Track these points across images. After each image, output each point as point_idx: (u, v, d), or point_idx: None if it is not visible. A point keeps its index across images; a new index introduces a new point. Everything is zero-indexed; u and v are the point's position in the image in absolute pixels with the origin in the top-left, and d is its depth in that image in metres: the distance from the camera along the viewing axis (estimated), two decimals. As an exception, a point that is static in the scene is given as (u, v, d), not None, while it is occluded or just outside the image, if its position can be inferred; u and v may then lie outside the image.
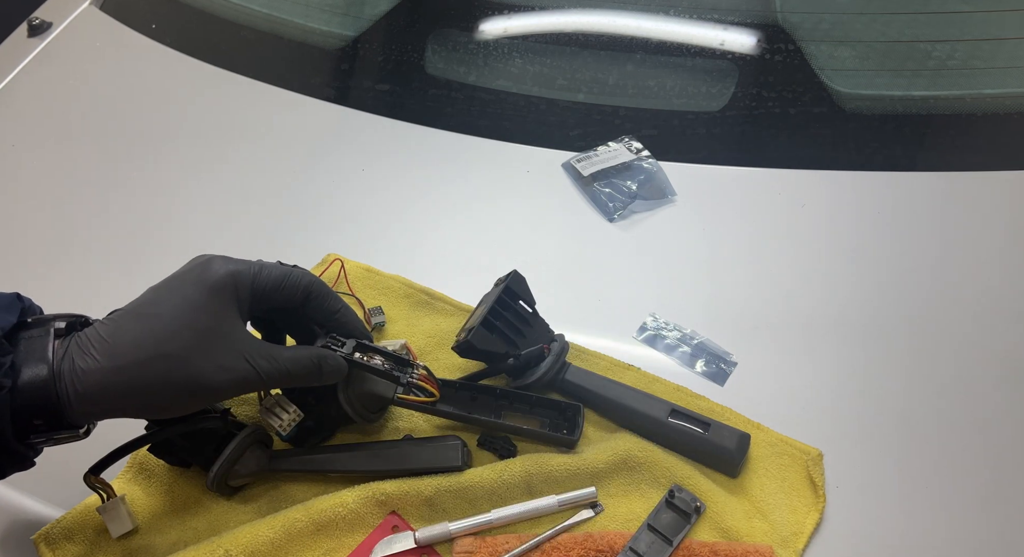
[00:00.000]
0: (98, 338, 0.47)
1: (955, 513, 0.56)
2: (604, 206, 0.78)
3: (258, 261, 0.53)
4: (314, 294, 0.54)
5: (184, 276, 0.50)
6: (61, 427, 0.47)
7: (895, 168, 0.79)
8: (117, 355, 0.47)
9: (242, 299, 0.51)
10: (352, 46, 0.96)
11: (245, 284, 0.51)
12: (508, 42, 0.91)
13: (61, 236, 0.82)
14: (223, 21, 1.02)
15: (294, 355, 0.52)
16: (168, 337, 0.47)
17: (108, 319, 0.49)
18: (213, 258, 0.51)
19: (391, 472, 0.57)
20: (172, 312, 0.48)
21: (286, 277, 0.53)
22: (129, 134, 0.93)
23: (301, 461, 0.59)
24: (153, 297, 0.50)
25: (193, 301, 0.49)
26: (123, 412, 0.49)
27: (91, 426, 0.51)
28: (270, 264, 0.53)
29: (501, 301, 0.63)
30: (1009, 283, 0.69)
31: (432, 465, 0.57)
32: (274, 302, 0.53)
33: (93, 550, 0.56)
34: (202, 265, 0.51)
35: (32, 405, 0.45)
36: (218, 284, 0.49)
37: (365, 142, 0.88)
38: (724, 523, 0.55)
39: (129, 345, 0.47)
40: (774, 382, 0.64)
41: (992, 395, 0.62)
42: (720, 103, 0.84)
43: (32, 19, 1.08)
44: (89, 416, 0.49)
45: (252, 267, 0.52)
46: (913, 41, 0.85)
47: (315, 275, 0.55)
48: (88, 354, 0.46)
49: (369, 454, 0.59)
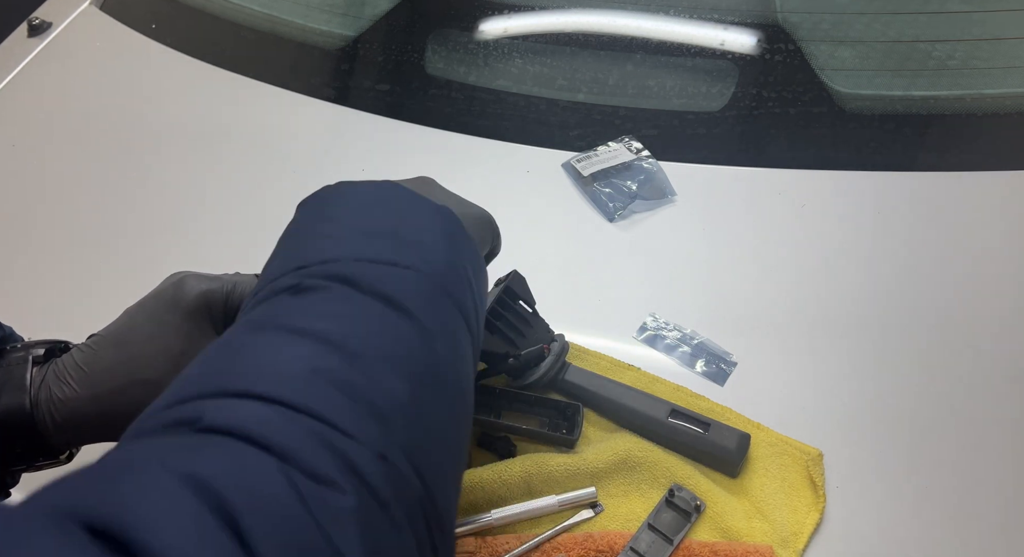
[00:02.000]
0: (74, 366, 0.47)
1: (955, 513, 0.56)
2: (604, 206, 0.78)
3: (233, 275, 0.51)
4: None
5: (157, 298, 0.49)
6: (41, 454, 0.47)
7: (895, 168, 0.79)
8: (93, 383, 0.46)
9: (217, 318, 0.49)
10: (352, 46, 0.96)
11: (219, 303, 0.49)
12: (508, 42, 0.91)
13: (61, 236, 0.82)
14: (223, 21, 1.02)
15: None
16: (143, 364, 0.47)
17: (84, 345, 0.48)
18: (186, 278, 0.50)
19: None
20: (146, 338, 0.47)
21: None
22: (129, 134, 0.93)
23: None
24: (128, 322, 0.49)
25: (167, 325, 0.48)
26: (102, 438, 0.49)
27: (73, 452, 0.50)
28: (245, 278, 0.51)
29: (501, 301, 0.63)
30: (1009, 283, 0.69)
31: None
32: None
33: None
34: (175, 286, 0.49)
35: (11, 433, 0.45)
36: (191, 305, 0.48)
37: (365, 142, 0.88)
38: (724, 523, 0.55)
39: (104, 373, 0.46)
40: (774, 382, 0.64)
41: (992, 395, 0.62)
42: (720, 103, 0.84)
43: (32, 19, 1.08)
44: (69, 443, 0.48)
45: (226, 285, 0.50)
46: (913, 41, 0.85)
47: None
48: (65, 382, 0.46)
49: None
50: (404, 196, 0.45)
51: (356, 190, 0.45)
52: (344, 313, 0.36)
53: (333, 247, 0.40)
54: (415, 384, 0.35)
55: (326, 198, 0.45)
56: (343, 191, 0.45)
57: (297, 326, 0.35)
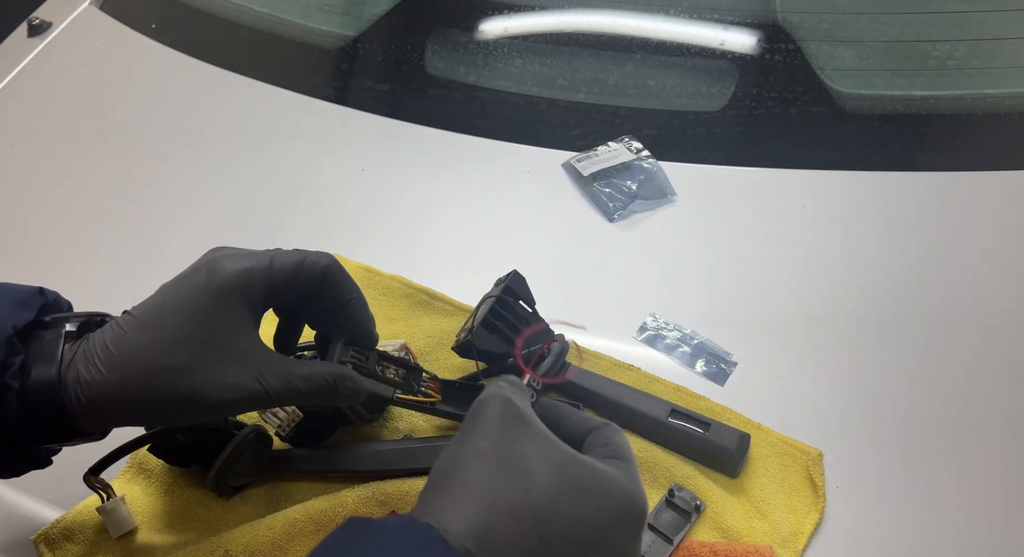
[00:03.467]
0: (103, 346, 0.45)
1: (955, 513, 0.56)
2: (604, 206, 0.78)
3: (272, 251, 0.49)
4: (330, 278, 0.50)
5: (192, 278, 0.47)
6: (73, 434, 0.46)
7: (895, 168, 0.79)
8: (120, 366, 0.44)
9: (254, 300, 0.47)
10: (352, 46, 0.96)
11: (257, 283, 0.47)
12: (508, 42, 0.91)
13: (61, 237, 0.82)
14: (223, 21, 1.02)
15: (309, 373, 0.48)
16: (172, 348, 0.45)
17: (115, 324, 0.46)
18: (223, 256, 0.47)
19: (391, 472, 0.57)
20: (176, 320, 0.45)
21: (300, 264, 0.49)
22: (129, 134, 0.93)
23: (301, 461, 0.59)
24: (160, 301, 0.47)
25: (199, 308, 0.45)
26: (129, 422, 0.48)
27: (106, 429, 0.50)
28: (284, 253, 0.49)
29: (501, 301, 0.63)
30: (1009, 283, 0.69)
31: (432, 465, 0.57)
32: (291, 294, 0.49)
33: (93, 550, 0.56)
34: (209, 266, 0.47)
35: (40, 409, 0.44)
36: (225, 288, 0.46)
37: (365, 142, 0.88)
38: (724, 523, 0.55)
39: (131, 355, 0.45)
40: (774, 382, 0.64)
41: (992, 395, 0.62)
42: (720, 103, 0.84)
43: (32, 19, 1.08)
44: (95, 425, 0.47)
45: (263, 261, 0.48)
46: (913, 41, 0.85)
47: (333, 257, 0.51)
48: (92, 364, 0.45)
49: (369, 454, 0.59)
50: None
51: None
52: None
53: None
54: None
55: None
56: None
57: None
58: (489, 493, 0.37)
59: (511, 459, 0.38)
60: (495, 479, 0.37)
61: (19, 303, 0.47)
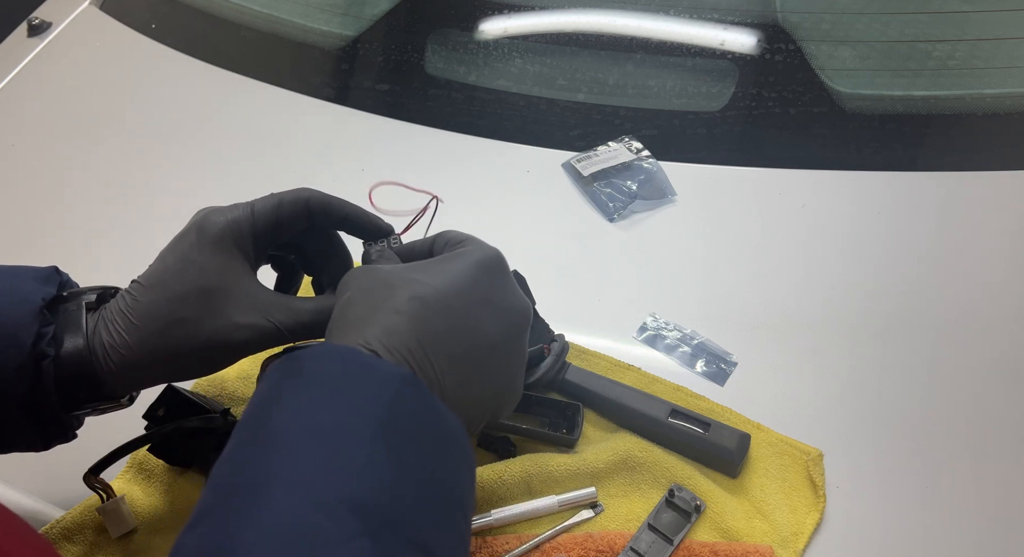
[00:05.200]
0: (119, 312, 0.48)
1: (955, 513, 0.56)
2: (604, 206, 0.78)
3: (252, 201, 0.51)
4: (315, 207, 0.52)
5: (184, 238, 0.50)
6: (102, 397, 0.48)
7: (895, 168, 0.79)
8: (137, 329, 0.47)
9: (244, 247, 0.50)
10: (352, 46, 0.96)
11: (244, 231, 0.50)
12: (508, 42, 0.91)
13: (60, 237, 0.82)
14: (223, 21, 1.02)
15: (317, 306, 0.50)
16: (178, 304, 0.48)
17: (126, 292, 0.49)
18: (208, 213, 0.50)
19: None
20: (176, 278, 0.48)
21: (280, 204, 0.51)
22: (129, 134, 0.93)
23: (301, 461, 0.59)
24: (160, 265, 0.50)
25: (194, 262, 0.48)
26: (157, 379, 0.50)
27: (134, 395, 0.52)
28: (262, 199, 0.51)
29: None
30: (1009, 283, 0.69)
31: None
32: (282, 234, 0.52)
33: (93, 550, 0.56)
34: (197, 223, 0.50)
35: (74, 376, 0.47)
36: (215, 239, 0.49)
37: (365, 142, 0.88)
38: (724, 523, 0.55)
39: (145, 317, 0.47)
40: (774, 382, 0.64)
41: (992, 395, 0.62)
42: (720, 103, 0.84)
43: (32, 19, 1.08)
44: (127, 388, 0.50)
45: (245, 210, 0.50)
46: (913, 41, 0.85)
47: (309, 188, 0.53)
48: (114, 330, 0.47)
49: (369, 454, 0.59)
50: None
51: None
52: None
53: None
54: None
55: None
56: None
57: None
58: (379, 310, 0.43)
59: (383, 286, 0.44)
60: (379, 300, 0.43)
61: (40, 279, 0.49)
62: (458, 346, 0.43)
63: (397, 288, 0.43)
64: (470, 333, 0.44)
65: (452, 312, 0.43)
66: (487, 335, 0.44)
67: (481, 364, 0.44)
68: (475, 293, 0.44)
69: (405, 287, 0.43)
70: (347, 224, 0.54)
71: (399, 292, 0.43)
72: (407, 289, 0.43)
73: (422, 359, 0.41)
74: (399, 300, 0.43)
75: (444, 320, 0.43)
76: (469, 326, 0.44)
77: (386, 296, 0.43)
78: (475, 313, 0.44)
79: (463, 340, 0.43)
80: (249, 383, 0.64)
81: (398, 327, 0.42)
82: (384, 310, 0.42)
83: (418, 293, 0.43)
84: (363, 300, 0.44)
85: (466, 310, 0.44)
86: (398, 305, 0.42)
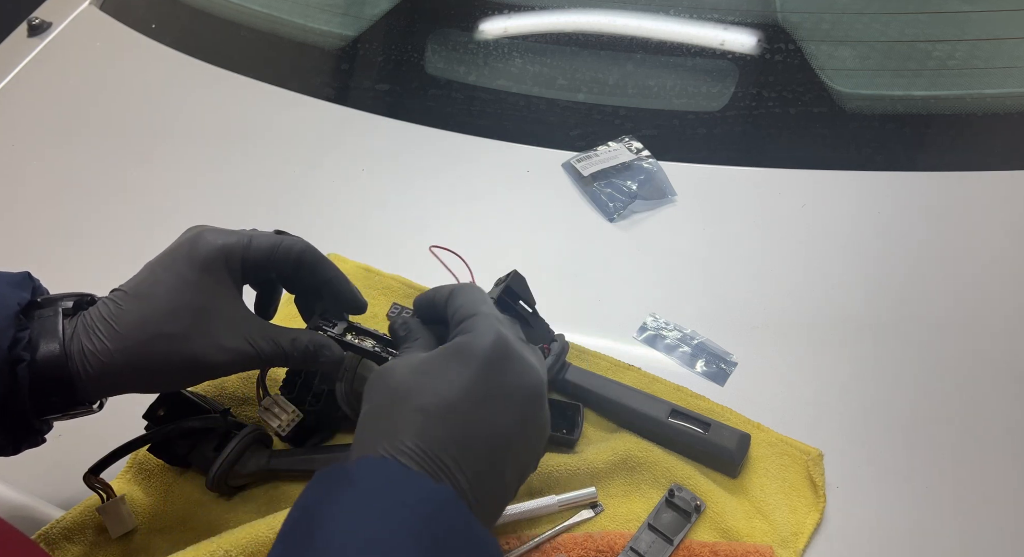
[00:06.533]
0: (101, 319, 0.48)
1: (955, 513, 0.56)
2: (604, 206, 0.78)
3: (250, 231, 0.53)
4: (306, 262, 0.53)
5: (176, 253, 0.50)
6: (75, 403, 0.48)
7: (895, 168, 0.79)
8: (120, 337, 0.47)
9: (234, 271, 0.51)
10: (352, 46, 0.96)
11: (236, 257, 0.51)
12: (508, 42, 0.91)
13: (60, 237, 0.82)
14: (223, 21, 1.02)
15: (295, 338, 0.52)
16: (167, 317, 0.48)
17: (109, 299, 0.49)
18: (203, 232, 0.51)
19: (391, 472, 0.57)
20: (168, 292, 0.49)
21: (276, 247, 0.52)
22: (129, 134, 0.93)
23: (301, 461, 0.59)
24: (149, 276, 0.50)
25: (187, 279, 0.49)
26: (131, 389, 0.50)
27: (103, 401, 0.52)
28: (262, 234, 0.53)
29: (501, 301, 0.62)
30: (1009, 283, 0.69)
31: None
32: (266, 272, 0.53)
33: (93, 550, 0.56)
34: (191, 240, 0.50)
35: (48, 380, 0.47)
36: (208, 259, 0.49)
37: (365, 142, 0.88)
38: (724, 523, 0.55)
39: (130, 327, 0.48)
40: (774, 382, 0.64)
41: (992, 395, 0.62)
42: (720, 103, 0.84)
43: (32, 19, 1.08)
44: (102, 394, 0.50)
45: (242, 239, 0.51)
46: (913, 41, 0.85)
47: (308, 243, 0.54)
48: (95, 336, 0.47)
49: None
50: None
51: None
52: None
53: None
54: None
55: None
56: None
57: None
58: (415, 411, 0.42)
59: (412, 391, 0.44)
60: (413, 398, 0.43)
61: (15, 284, 0.50)
62: (475, 445, 0.42)
63: (405, 401, 0.43)
64: (485, 429, 0.43)
65: (459, 416, 0.42)
66: (501, 426, 0.43)
67: (501, 456, 0.43)
68: (480, 391, 0.43)
69: (414, 398, 0.43)
70: (327, 287, 0.55)
71: (408, 402, 0.43)
72: (416, 400, 0.43)
73: (444, 467, 0.41)
74: (408, 408, 0.42)
75: (451, 428, 0.42)
76: (483, 423, 0.43)
77: (398, 408, 0.43)
78: (484, 410, 0.43)
79: (477, 440, 0.43)
80: (250, 383, 0.64)
81: (423, 434, 0.41)
82: (397, 423, 0.42)
83: (424, 404, 0.42)
84: (377, 414, 0.44)
85: (474, 410, 0.43)
86: (409, 417, 0.42)
